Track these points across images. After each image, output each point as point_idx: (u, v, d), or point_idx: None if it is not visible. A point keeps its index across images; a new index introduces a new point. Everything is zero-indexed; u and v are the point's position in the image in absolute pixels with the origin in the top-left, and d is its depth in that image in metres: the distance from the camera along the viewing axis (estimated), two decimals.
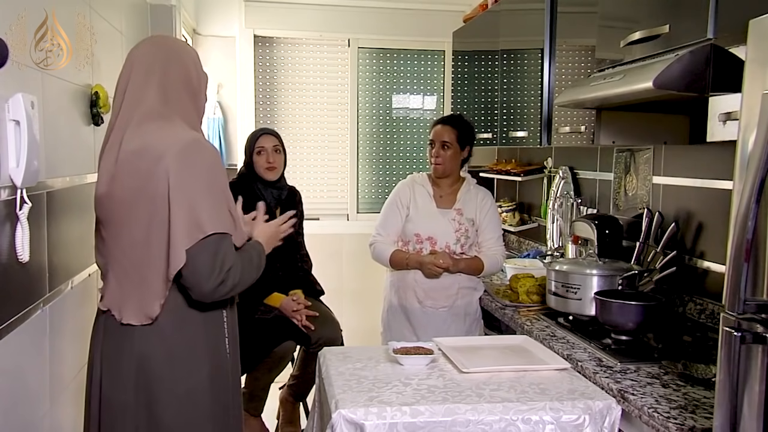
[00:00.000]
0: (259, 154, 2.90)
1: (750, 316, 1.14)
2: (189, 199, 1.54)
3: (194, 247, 1.53)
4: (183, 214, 1.53)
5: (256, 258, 1.71)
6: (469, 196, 2.85)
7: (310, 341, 2.86)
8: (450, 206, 2.83)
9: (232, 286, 1.59)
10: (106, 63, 2.40)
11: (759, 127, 1.12)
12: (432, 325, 2.78)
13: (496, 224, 2.88)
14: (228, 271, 1.56)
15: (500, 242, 2.88)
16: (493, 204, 2.91)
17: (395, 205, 2.85)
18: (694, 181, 2.29)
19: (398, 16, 4.45)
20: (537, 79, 2.89)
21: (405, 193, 2.86)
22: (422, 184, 2.88)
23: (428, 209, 2.82)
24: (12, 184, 1.54)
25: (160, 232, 1.56)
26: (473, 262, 2.79)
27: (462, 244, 2.80)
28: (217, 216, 1.57)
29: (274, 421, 3.10)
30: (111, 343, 1.65)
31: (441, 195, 2.86)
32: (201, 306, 1.63)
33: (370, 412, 1.57)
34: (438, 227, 2.79)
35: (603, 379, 1.76)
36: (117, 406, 1.62)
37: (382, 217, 2.87)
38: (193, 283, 1.55)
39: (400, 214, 2.83)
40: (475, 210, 2.83)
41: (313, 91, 4.51)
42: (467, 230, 2.80)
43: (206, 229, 1.54)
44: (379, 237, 2.84)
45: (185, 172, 1.55)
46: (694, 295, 2.26)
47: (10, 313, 1.55)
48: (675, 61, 1.66)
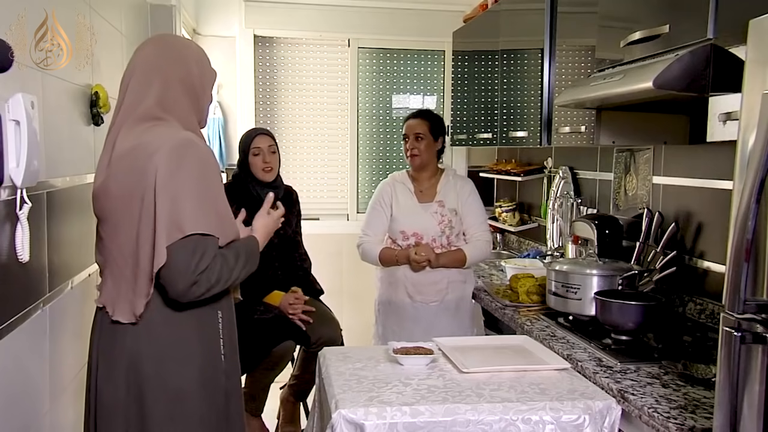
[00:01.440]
0: (256, 156, 2.89)
1: (750, 316, 1.14)
2: (173, 197, 1.53)
3: (172, 246, 1.52)
4: (165, 212, 1.53)
5: (243, 255, 1.67)
6: (448, 187, 2.90)
7: (310, 341, 2.86)
8: (431, 199, 2.89)
9: (208, 288, 1.57)
10: (106, 63, 2.40)
11: (759, 127, 1.12)
12: (423, 319, 2.82)
13: (478, 209, 2.91)
14: (202, 272, 1.54)
15: (484, 227, 2.89)
16: (473, 190, 2.94)
17: (378, 204, 2.92)
18: (694, 181, 2.30)
19: (398, 16, 4.45)
20: (537, 79, 2.89)
21: (386, 192, 2.94)
22: (402, 182, 2.95)
23: (410, 206, 2.89)
24: (12, 184, 1.54)
25: (147, 229, 1.56)
26: (454, 255, 2.82)
27: (447, 235, 2.84)
28: (200, 216, 1.55)
29: (274, 421, 3.10)
30: (105, 340, 1.66)
31: (421, 190, 2.93)
32: (189, 305, 1.61)
33: (370, 412, 1.57)
34: (421, 222, 2.85)
35: (603, 379, 1.76)
36: (109, 402, 1.63)
37: (367, 217, 2.95)
38: (168, 281, 1.54)
39: (384, 213, 2.90)
40: (455, 199, 2.88)
41: (313, 91, 4.51)
42: (450, 221, 2.85)
43: (185, 229, 1.53)
44: (366, 237, 2.91)
45: (173, 169, 1.55)
46: (694, 295, 2.26)
47: (10, 313, 1.55)
48: (675, 61, 1.66)
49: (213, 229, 1.58)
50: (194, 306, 1.63)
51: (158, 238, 1.52)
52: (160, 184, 1.53)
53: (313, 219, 4.42)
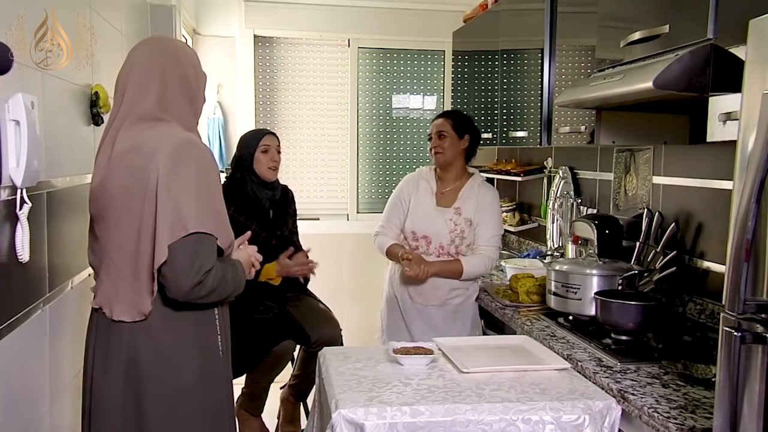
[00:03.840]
0: (264, 153, 2.89)
1: (750, 316, 1.14)
2: (175, 196, 1.54)
3: (175, 244, 1.53)
4: (168, 211, 1.53)
5: (236, 273, 1.70)
6: (470, 194, 2.82)
7: (310, 341, 2.86)
8: (449, 205, 2.83)
9: (210, 290, 1.58)
10: (106, 63, 2.40)
11: (759, 127, 1.12)
12: (422, 320, 2.83)
13: (493, 223, 2.80)
14: (207, 272, 1.55)
15: (493, 242, 2.78)
16: (494, 202, 2.83)
17: (398, 199, 2.92)
18: (694, 181, 2.29)
19: (398, 16, 4.45)
20: (537, 79, 2.89)
21: (408, 187, 2.91)
22: (427, 179, 2.90)
23: (427, 207, 2.84)
24: (12, 184, 1.54)
25: (148, 228, 1.56)
26: (450, 265, 2.74)
27: (457, 245, 2.79)
28: (201, 215, 1.56)
29: (274, 420, 3.10)
30: (102, 340, 1.66)
31: (443, 191, 2.87)
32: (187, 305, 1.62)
33: (370, 412, 1.57)
34: (433, 227, 2.80)
35: (603, 379, 1.76)
36: (107, 402, 1.64)
37: (386, 210, 2.95)
38: (171, 279, 1.54)
39: (402, 209, 2.89)
40: (474, 208, 2.80)
41: (313, 91, 4.51)
42: (463, 231, 2.78)
43: (189, 227, 1.54)
44: (382, 230, 2.92)
45: (175, 169, 1.55)
46: (694, 295, 2.26)
47: (10, 313, 1.55)
48: (675, 61, 1.66)
49: (213, 229, 1.59)
50: (193, 305, 1.63)
51: (160, 236, 1.53)
52: (162, 183, 1.54)
53: (313, 219, 4.42)
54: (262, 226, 2.86)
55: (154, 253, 1.54)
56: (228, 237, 1.68)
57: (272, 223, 2.92)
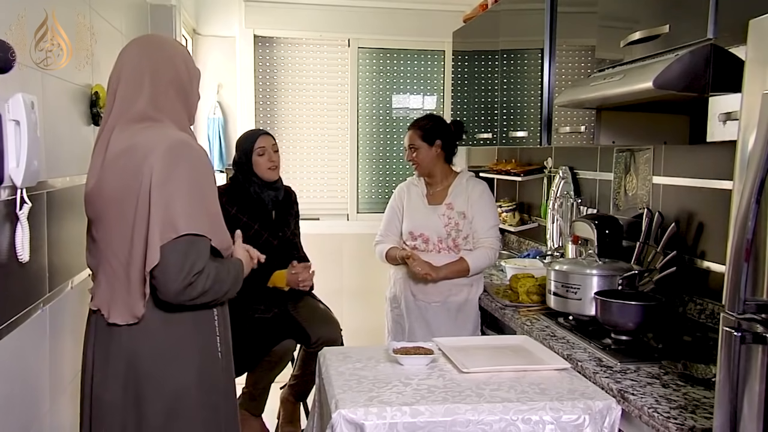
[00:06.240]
0: (261, 155, 2.88)
1: (750, 316, 1.14)
2: (168, 197, 1.53)
3: (166, 246, 1.52)
4: (160, 212, 1.53)
5: (233, 271, 1.69)
6: (459, 190, 2.89)
7: (310, 341, 2.86)
8: (440, 202, 2.90)
9: (202, 291, 1.57)
10: (106, 63, 2.39)
11: (759, 127, 1.12)
12: (424, 317, 2.86)
13: (488, 213, 2.86)
14: (197, 274, 1.54)
15: (491, 233, 2.84)
16: (484, 193, 2.89)
17: (393, 208, 3.02)
18: (694, 181, 2.29)
19: (398, 16, 4.45)
20: (537, 79, 2.89)
21: (400, 195, 3.02)
22: (416, 185, 3.00)
23: (419, 207, 2.92)
24: (12, 184, 1.54)
25: (141, 229, 1.55)
26: (457, 266, 2.80)
27: (453, 238, 2.83)
28: (194, 217, 1.56)
29: (274, 421, 3.10)
30: (101, 343, 1.65)
31: (433, 192, 2.94)
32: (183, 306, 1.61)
33: (370, 412, 1.57)
34: (427, 223, 2.86)
35: (603, 379, 1.76)
36: (106, 405, 1.63)
37: (384, 220, 3.04)
38: (162, 282, 1.53)
39: (398, 216, 2.99)
40: (466, 202, 2.86)
41: (313, 91, 4.51)
42: (458, 224, 2.83)
43: (180, 229, 1.53)
44: (381, 239, 3.01)
45: (168, 170, 1.55)
46: (694, 295, 2.26)
47: (10, 313, 1.55)
48: (675, 61, 1.66)
49: (206, 230, 1.58)
50: (188, 307, 1.63)
51: (151, 238, 1.52)
52: (155, 185, 1.53)
53: (313, 219, 4.42)
54: (264, 226, 2.86)
55: (146, 255, 1.53)
56: (224, 237, 1.68)
57: (274, 224, 2.92)
